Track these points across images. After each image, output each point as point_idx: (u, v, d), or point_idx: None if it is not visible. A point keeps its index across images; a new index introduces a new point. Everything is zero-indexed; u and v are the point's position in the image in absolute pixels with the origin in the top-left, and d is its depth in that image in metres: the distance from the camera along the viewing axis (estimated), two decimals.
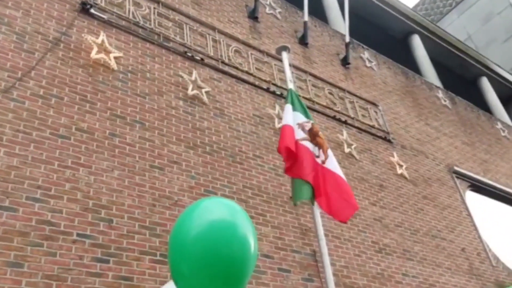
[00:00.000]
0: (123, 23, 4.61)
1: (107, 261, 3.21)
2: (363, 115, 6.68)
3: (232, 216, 1.92)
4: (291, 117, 3.76)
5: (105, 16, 4.47)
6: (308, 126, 3.80)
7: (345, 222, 3.48)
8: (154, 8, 5.04)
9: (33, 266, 2.92)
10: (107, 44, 4.22)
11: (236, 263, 1.83)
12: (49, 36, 3.97)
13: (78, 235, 3.19)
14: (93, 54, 4.08)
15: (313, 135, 3.75)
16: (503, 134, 10.18)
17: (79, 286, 3.01)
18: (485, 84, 12.27)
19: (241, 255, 1.84)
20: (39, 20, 3.99)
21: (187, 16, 5.33)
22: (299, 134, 3.69)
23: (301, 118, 3.84)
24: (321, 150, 3.71)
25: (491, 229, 7.35)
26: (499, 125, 10.35)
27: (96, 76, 4.06)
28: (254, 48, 5.84)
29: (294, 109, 3.90)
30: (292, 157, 3.52)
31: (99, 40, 4.18)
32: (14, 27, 3.78)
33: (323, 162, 3.66)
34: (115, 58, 4.24)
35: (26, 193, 3.13)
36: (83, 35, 4.15)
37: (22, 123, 3.39)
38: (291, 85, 4.13)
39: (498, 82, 12.74)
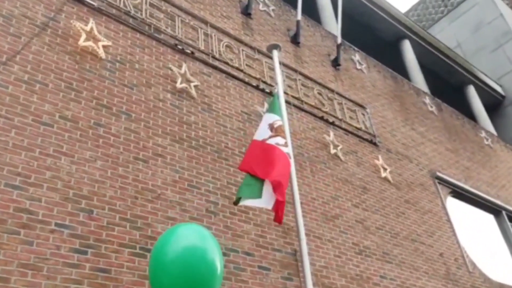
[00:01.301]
0: (114, 11, 4.54)
1: (85, 252, 3.17)
2: (350, 117, 6.71)
3: (202, 242, 2.58)
4: (261, 128, 3.98)
5: (95, 3, 4.39)
6: (277, 123, 3.96)
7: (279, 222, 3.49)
8: None
9: (8, 254, 2.86)
10: (96, 32, 4.15)
11: (205, 281, 2.45)
12: (36, 20, 3.89)
13: (56, 224, 3.14)
14: (81, 42, 4.01)
15: (280, 131, 3.87)
16: (486, 142, 10.34)
17: (55, 277, 2.97)
18: (472, 92, 12.45)
19: (209, 275, 2.49)
20: (27, 4, 3.90)
21: (179, 8, 5.28)
22: (266, 133, 3.86)
23: (273, 117, 4.01)
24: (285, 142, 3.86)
25: (470, 236, 7.48)
26: (483, 134, 10.52)
27: (83, 64, 3.99)
28: (245, 44, 5.81)
29: (268, 111, 4.16)
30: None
31: (88, 28, 4.11)
32: (1, 10, 3.69)
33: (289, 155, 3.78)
34: (104, 46, 4.18)
35: (5, 179, 3.07)
36: (71, 21, 4.08)
37: (4, 108, 3.32)
38: (276, 90, 4.25)
39: (484, 91, 12.94)
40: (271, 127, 3.87)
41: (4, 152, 3.17)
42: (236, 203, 3.61)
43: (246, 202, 3.55)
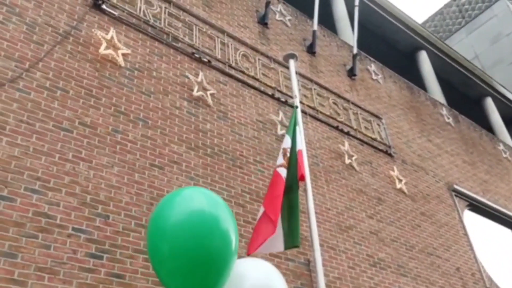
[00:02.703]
0: (134, 20, 4.63)
1: (101, 257, 3.21)
2: (366, 127, 6.68)
3: (215, 208, 1.96)
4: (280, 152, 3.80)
5: (116, 13, 4.49)
6: (288, 152, 3.78)
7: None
8: (165, 7, 5.06)
9: (26, 258, 2.91)
10: (116, 41, 4.24)
11: (216, 255, 1.85)
12: (59, 29, 3.99)
13: (73, 229, 3.19)
14: (102, 50, 4.10)
15: (287, 160, 3.72)
16: (504, 155, 10.16)
17: (71, 281, 3.00)
18: (490, 104, 12.28)
19: (222, 249, 1.86)
20: (50, 13, 4.01)
21: (197, 18, 5.36)
22: (280, 159, 3.72)
23: (287, 142, 3.84)
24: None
25: (487, 250, 7.32)
26: (501, 146, 10.34)
27: (103, 71, 4.07)
28: (261, 53, 5.86)
29: (287, 131, 3.99)
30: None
31: (108, 36, 4.20)
32: (24, 18, 3.80)
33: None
34: (123, 54, 4.26)
35: (25, 184, 3.14)
36: (93, 30, 4.17)
37: (26, 113, 3.40)
38: (297, 102, 4.17)
39: (503, 103, 12.74)
40: (284, 153, 3.76)
41: (25, 157, 3.24)
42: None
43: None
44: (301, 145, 3.83)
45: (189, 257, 1.82)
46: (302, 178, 3.64)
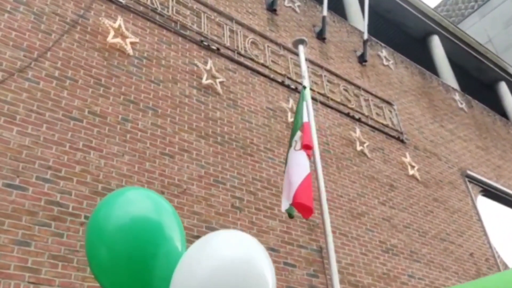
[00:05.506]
0: (141, 8, 4.60)
1: None
2: (377, 114, 6.60)
3: (159, 214, 1.80)
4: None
5: (123, 1, 4.46)
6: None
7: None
8: None
9: (40, 246, 2.93)
10: (124, 29, 4.21)
11: (160, 263, 1.68)
12: (66, 18, 3.97)
13: (86, 217, 3.20)
14: (110, 38, 4.08)
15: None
16: None
17: (85, 269, 3.02)
18: (503, 89, 12.05)
19: (165, 257, 1.69)
20: (57, 1, 3.99)
21: (205, 5, 5.30)
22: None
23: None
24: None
25: (502, 236, 7.23)
26: None
27: (112, 60, 4.06)
28: (271, 40, 5.79)
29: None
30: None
31: (116, 25, 4.17)
32: (32, 7, 3.79)
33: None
34: (131, 43, 4.24)
35: (37, 173, 3.15)
36: (100, 18, 4.15)
37: (35, 103, 3.40)
38: (305, 83, 4.06)
39: None
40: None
41: (36, 146, 3.24)
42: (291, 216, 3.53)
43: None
44: (307, 118, 3.69)
45: (128, 264, 1.68)
46: (307, 148, 3.52)
